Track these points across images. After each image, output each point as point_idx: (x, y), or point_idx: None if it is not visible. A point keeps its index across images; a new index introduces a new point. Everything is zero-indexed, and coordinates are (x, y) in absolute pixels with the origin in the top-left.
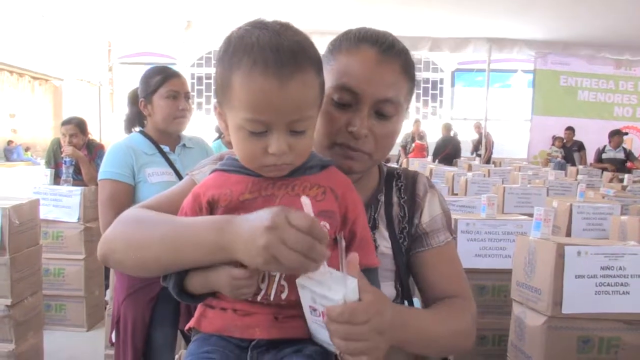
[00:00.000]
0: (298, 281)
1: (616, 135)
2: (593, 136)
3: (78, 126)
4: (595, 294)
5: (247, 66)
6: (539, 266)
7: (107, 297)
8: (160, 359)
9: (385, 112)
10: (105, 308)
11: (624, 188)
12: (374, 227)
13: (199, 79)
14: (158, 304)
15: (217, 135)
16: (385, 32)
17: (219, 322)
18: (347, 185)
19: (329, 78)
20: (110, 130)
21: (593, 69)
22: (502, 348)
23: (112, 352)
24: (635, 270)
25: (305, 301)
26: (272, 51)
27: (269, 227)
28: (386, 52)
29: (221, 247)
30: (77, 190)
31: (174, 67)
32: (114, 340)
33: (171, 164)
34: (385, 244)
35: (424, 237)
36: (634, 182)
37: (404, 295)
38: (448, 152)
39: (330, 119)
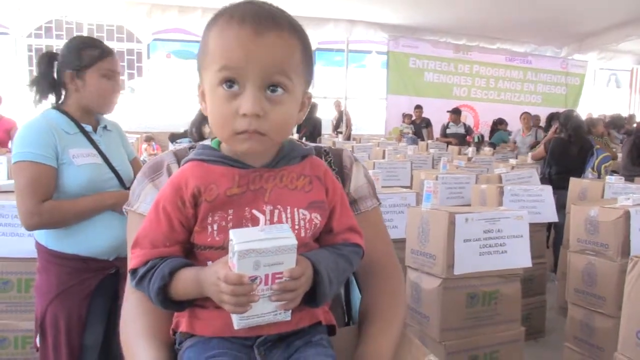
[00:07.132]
0: (239, 250)
1: (456, 113)
2: (436, 113)
3: None
4: (480, 255)
5: (223, 21)
6: (433, 234)
7: None
8: (90, 358)
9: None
10: None
11: (469, 159)
12: None
13: (38, 51)
14: (92, 301)
15: None
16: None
17: (217, 323)
18: (329, 174)
19: None
20: None
21: (437, 52)
22: None
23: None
24: (510, 232)
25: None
26: (252, 10)
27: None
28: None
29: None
30: None
31: (6, 38)
32: (38, 344)
33: (95, 145)
34: None
35: (352, 204)
36: (477, 154)
37: None
38: (309, 130)
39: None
